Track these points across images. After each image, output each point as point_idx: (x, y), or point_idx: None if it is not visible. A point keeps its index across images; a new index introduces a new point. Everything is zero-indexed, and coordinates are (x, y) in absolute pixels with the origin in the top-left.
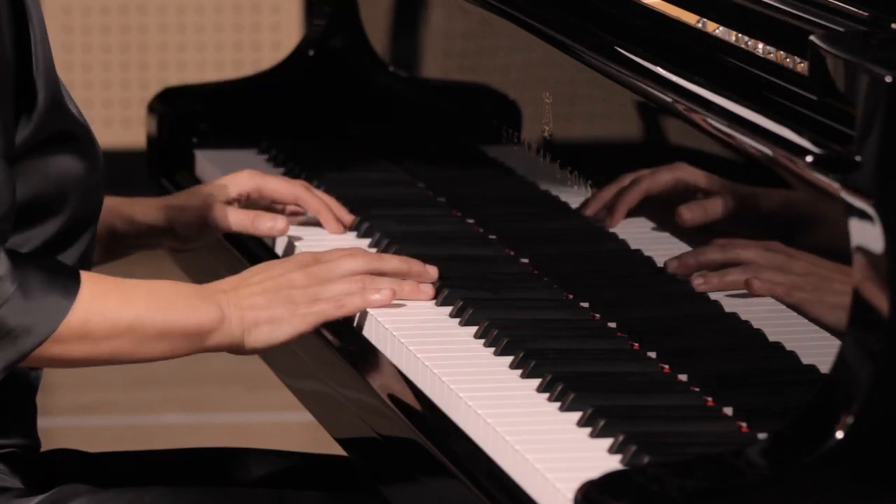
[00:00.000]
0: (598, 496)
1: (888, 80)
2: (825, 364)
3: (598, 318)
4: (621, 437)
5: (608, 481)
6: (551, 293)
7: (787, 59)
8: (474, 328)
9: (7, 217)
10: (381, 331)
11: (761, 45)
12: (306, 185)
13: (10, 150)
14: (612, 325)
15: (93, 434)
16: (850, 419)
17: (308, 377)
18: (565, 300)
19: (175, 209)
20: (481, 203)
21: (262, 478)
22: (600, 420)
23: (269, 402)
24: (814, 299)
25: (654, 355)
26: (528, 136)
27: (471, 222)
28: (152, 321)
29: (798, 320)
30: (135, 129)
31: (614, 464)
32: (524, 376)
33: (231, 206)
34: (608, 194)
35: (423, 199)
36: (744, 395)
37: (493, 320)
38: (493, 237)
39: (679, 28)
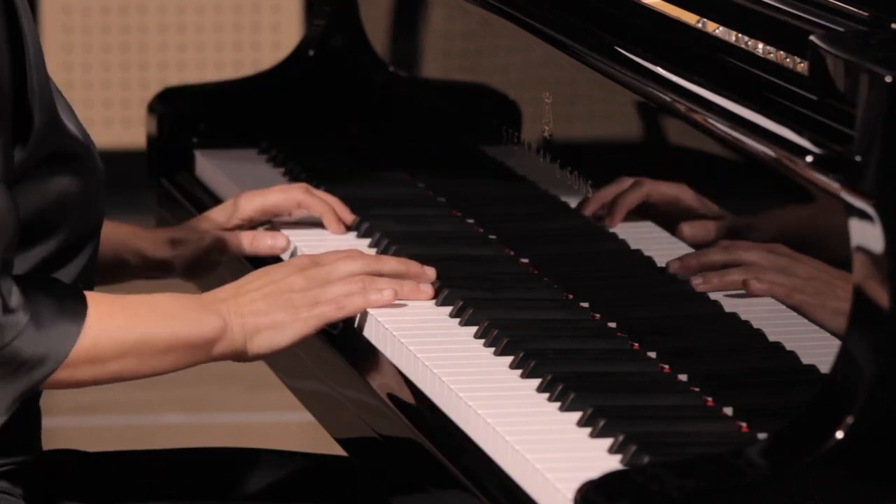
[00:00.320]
0: (598, 496)
1: (888, 80)
2: (825, 364)
3: (598, 318)
4: (621, 437)
5: (608, 481)
6: (551, 293)
7: (787, 59)
8: (474, 328)
9: (12, 245)
10: (381, 331)
11: (761, 45)
12: (306, 189)
13: (10, 174)
14: (612, 325)
15: (93, 434)
16: (850, 419)
17: (308, 377)
18: (565, 300)
19: (179, 244)
20: (481, 203)
21: (263, 479)
22: (600, 420)
23: (269, 402)
24: (815, 303)
25: (654, 355)
26: (528, 136)
27: (471, 222)
28: (157, 337)
29: (798, 320)
30: (135, 129)
31: (614, 464)
32: (524, 376)
33: (230, 234)
34: (607, 196)
35: (423, 199)
36: (744, 395)
37: (493, 320)
38: (493, 237)
39: (679, 28)
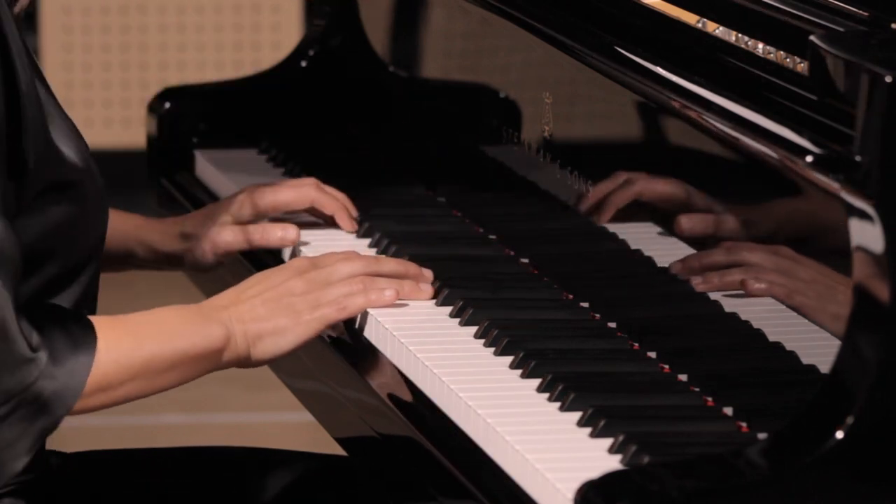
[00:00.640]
0: (598, 496)
1: (888, 80)
2: (825, 364)
3: (598, 318)
4: (621, 437)
5: (608, 481)
6: (551, 293)
7: (787, 59)
8: (474, 328)
9: (17, 278)
10: (381, 331)
11: (761, 45)
12: (317, 185)
13: (9, 209)
14: (612, 325)
15: (93, 434)
16: (850, 419)
17: (308, 377)
18: (565, 300)
19: (189, 238)
20: (481, 203)
21: (263, 478)
22: (600, 420)
23: (269, 402)
24: (816, 306)
25: (654, 355)
26: (528, 136)
27: (471, 222)
28: (163, 356)
29: (798, 320)
30: (135, 129)
31: (614, 464)
32: (524, 376)
33: (240, 227)
34: (603, 193)
35: (423, 199)
36: (744, 395)
37: (493, 320)
38: (493, 237)
39: (679, 28)
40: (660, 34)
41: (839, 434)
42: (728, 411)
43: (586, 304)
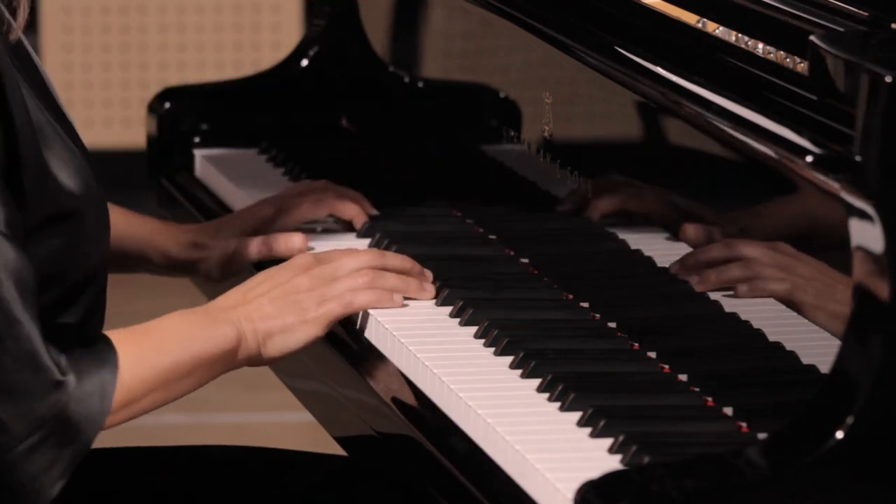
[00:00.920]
0: (598, 496)
1: (888, 80)
2: (825, 364)
3: (598, 318)
4: (621, 437)
5: (608, 481)
6: (551, 293)
7: (787, 59)
8: (474, 328)
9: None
10: (381, 331)
11: (761, 45)
12: (334, 191)
13: (18, 234)
14: (612, 325)
15: None
16: (850, 419)
17: (308, 377)
18: (565, 300)
19: (201, 248)
20: (481, 203)
21: (262, 477)
22: (600, 420)
23: (269, 402)
24: (815, 304)
25: (654, 355)
26: (528, 136)
27: (471, 222)
28: (181, 364)
29: (798, 320)
30: (135, 129)
31: (614, 464)
32: (524, 376)
33: (261, 239)
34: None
35: (423, 199)
36: (744, 395)
37: (493, 320)
38: (493, 237)
39: (679, 28)
40: (660, 34)
41: (839, 434)
42: (728, 411)
43: (586, 304)
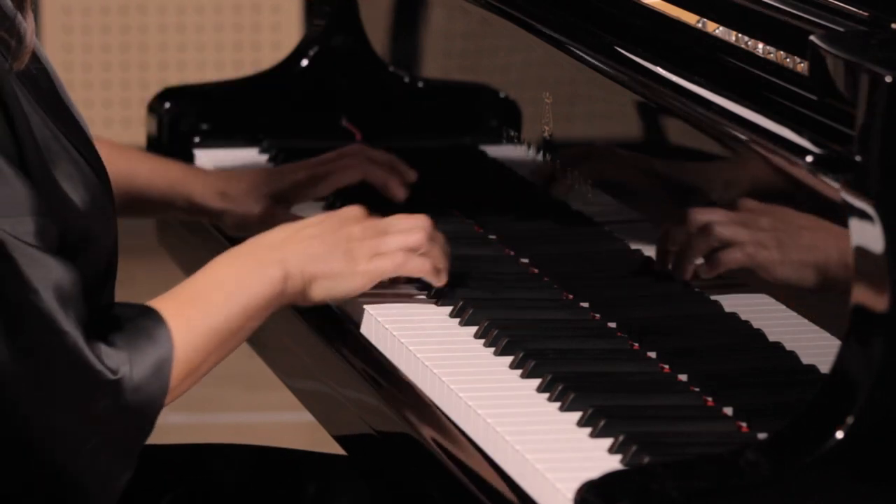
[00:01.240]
0: (598, 496)
1: (888, 80)
2: (825, 364)
3: (598, 318)
4: (621, 437)
5: (608, 481)
6: (551, 293)
7: (787, 59)
8: (474, 328)
9: (81, 307)
10: (381, 331)
11: (761, 45)
12: (367, 156)
13: (51, 245)
14: (612, 325)
15: None
16: (850, 419)
17: (308, 377)
18: (565, 300)
19: (229, 199)
20: (481, 203)
21: (262, 475)
22: (600, 420)
23: (269, 402)
24: (780, 258)
25: (654, 355)
26: (528, 136)
27: (471, 222)
28: (232, 320)
29: (798, 320)
30: (135, 129)
31: (614, 464)
32: (524, 376)
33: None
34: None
35: (423, 199)
36: (744, 395)
37: (493, 320)
38: (493, 237)
39: (679, 28)
40: (660, 34)
41: (839, 434)
42: (728, 411)
43: (586, 304)
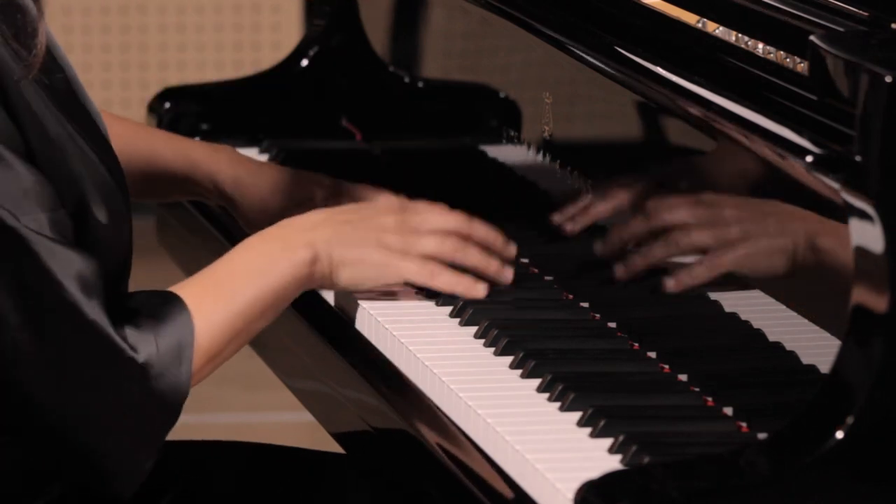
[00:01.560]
0: (598, 496)
1: (888, 80)
2: (825, 364)
3: (598, 318)
4: (621, 437)
5: (608, 481)
6: (551, 293)
7: (787, 59)
8: (474, 328)
9: (104, 291)
10: (381, 331)
11: (761, 45)
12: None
13: (68, 237)
14: (612, 325)
15: None
16: (850, 419)
17: (308, 377)
18: (565, 300)
19: (243, 189)
20: (481, 203)
21: (261, 474)
22: (600, 420)
23: (268, 402)
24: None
25: (654, 355)
26: (528, 136)
27: None
28: (257, 304)
29: (798, 320)
30: None
31: (614, 464)
32: (524, 376)
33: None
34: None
35: (423, 199)
36: (744, 395)
37: (493, 320)
38: None
39: (679, 28)
40: (660, 34)
41: (839, 434)
42: (728, 411)
43: (586, 304)
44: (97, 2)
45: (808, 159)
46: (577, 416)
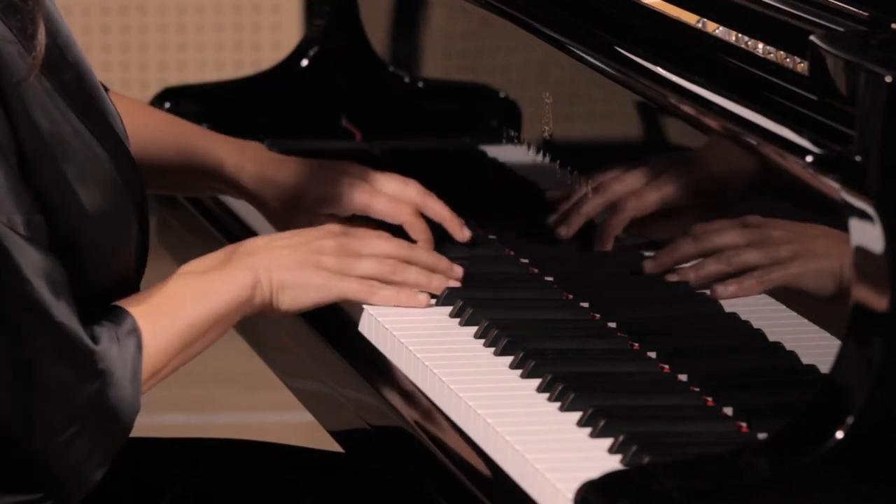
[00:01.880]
0: (598, 496)
1: (888, 80)
2: (825, 364)
3: (598, 318)
4: (621, 437)
5: (608, 481)
6: (551, 293)
7: (787, 59)
8: (474, 328)
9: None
10: (380, 331)
11: (761, 45)
12: (414, 211)
13: (44, 242)
14: (612, 325)
15: None
16: (850, 419)
17: (308, 377)
18: (565, 300)
19: (270, 187)
20: (481, 203)
21: (261, 472)
22: (600, 420)
23: (268, 402)
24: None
25: (654, 355)
26: (528, 136)
27: (471, 222)
28: (199, 324)
29: (798, 320)
30: None
31: (614, 464)
32: (524, 376)
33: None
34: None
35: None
36: (744, 395)
37: (493, 320)
38: (493, 237)
39: (679, 28)
40: (660, 34)
41: (839, 434)
42: (728, 411)
43: (586, 304)
44: (97, 2)
45: (808, 159)
46: (577, 416)
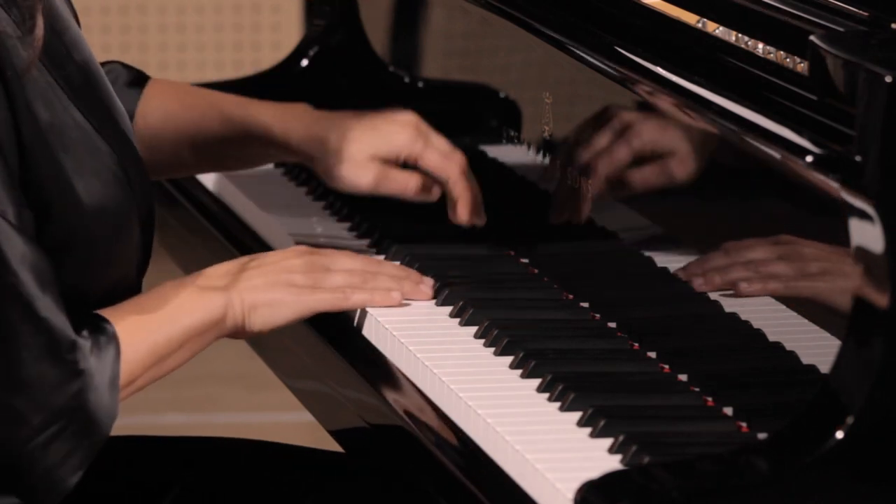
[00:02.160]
0: (598, 496)
1: (888, 80)
2: (825, 364)
3: (598, 318)
4: (621, 437)
5: (608, 481)
6: (551, 293)
7: (787, 59)
8: (474, 328)
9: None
10: (381, 331)
11: (761, 45)
12: (462, 168)
13: (32, 235)
14: (612, 325)
15: None
16: (850, 419)
17: (308, 377)
18: (565, 300)
19: (323, 145)
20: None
21: (261, 471)
22: (600, 420)
23: (269, 402)
24: (822, 287)
25: (654, 355)
26: (528, 136)
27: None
28: (171, 339)
29: (798, 320)
30: None
31: (614, 464)
32: (524, 376)
33: (364, 168)
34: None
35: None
36: (744, 395)
37: (493, 320)
38: (493, 237)
39: (679, 28)
40: (660, 34)
41: (839, 434)
42: (728, 411)
43: (586, 304)
44: (97, 2)
45: (808, 159)
46: (577, 416)
